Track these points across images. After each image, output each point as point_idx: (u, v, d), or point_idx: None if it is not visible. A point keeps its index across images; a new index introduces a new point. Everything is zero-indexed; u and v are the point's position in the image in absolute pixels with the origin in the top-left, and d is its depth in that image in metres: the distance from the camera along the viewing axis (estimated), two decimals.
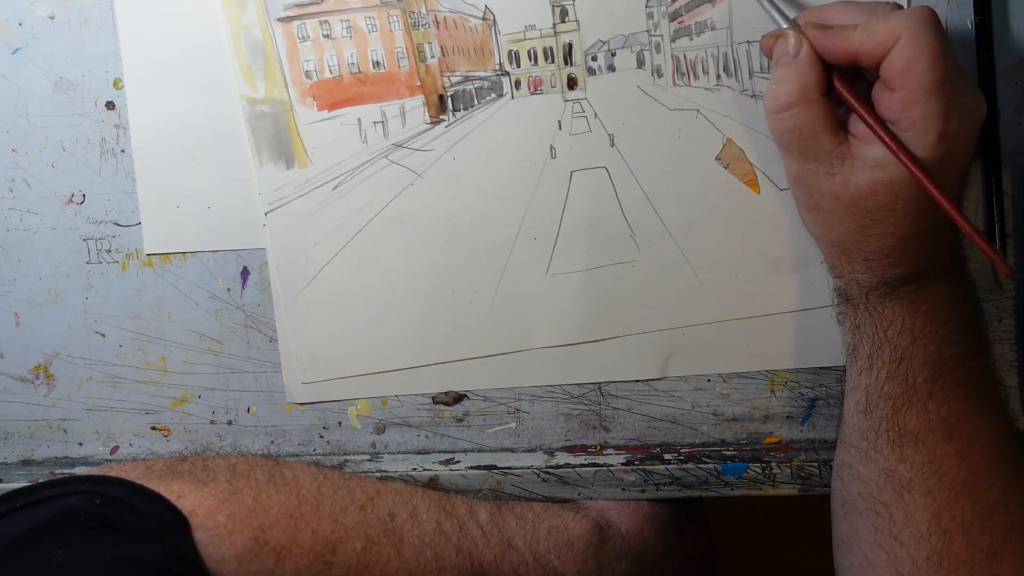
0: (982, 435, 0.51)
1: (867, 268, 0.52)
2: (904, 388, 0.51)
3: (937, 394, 0.51)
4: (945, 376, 0.51)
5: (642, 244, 0.58)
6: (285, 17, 0.57)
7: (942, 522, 0.50)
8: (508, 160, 0.58)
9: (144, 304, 0.60)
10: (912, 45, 0.47)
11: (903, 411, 0.51)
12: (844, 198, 0.51)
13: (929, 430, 0.51)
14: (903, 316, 0.52)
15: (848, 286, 0.54)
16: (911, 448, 0.51)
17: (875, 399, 0.52)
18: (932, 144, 0.48)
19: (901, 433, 0.51)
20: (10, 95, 0.58)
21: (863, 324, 0.53)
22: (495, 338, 0.59)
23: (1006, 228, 0.57)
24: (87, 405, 0.61)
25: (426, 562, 0.54)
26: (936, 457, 0.51)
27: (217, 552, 0.50)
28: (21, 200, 0.59)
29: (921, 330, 0.51)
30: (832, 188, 0.51)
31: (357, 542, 0.53)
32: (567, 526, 0.58)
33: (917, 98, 0.47)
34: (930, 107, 0.47)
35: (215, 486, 0.53)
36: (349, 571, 0.52)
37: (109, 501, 0.48)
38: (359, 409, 0.61)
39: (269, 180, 0.58)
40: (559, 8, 0.56)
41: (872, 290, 0.52)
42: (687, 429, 0.61)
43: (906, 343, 0.51)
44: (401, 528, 0.55)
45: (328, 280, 0.59)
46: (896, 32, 0.47)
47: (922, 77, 0.47)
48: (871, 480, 0.52)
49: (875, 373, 0.52)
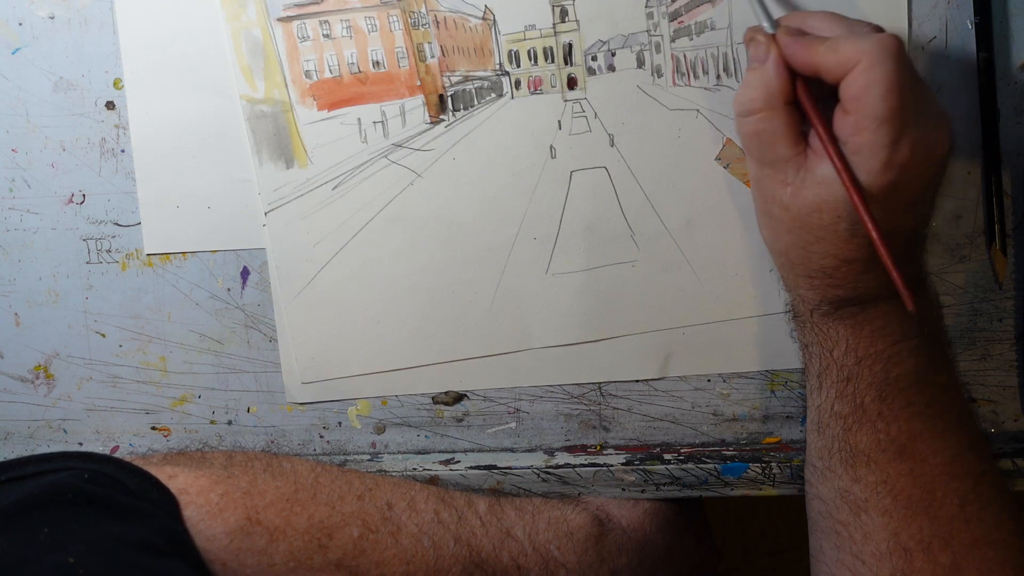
0: (936, 454, 0.51)
1: (810, 285, 0.52)
2: (853, 408, 0.51)
3: (886, 413, 0.51)
4: (893, 396, 0.51)
5: (642, 244, 0.58)
6: (285, 17, 0.57)
7: (901, 540, 0.50)
8: (508, 160, 0.58)
9: (144, 304, 0.60)
10: (868, 72, 0.47)
11: (854, 431, 0.51)
12: (792, 209, 0.51)
13: (880, 450, 0.51)
14: (847, 336, 0.52)
15: (795, 302, 0.54)
16: (864, 468, 0.51)
17: (826, 419, 0.52)
18: (876, 171, 0.48)
19: (853, 453, 0.51)
20: (10, 95, 0.58)
21: (811, 343, 0.53)
22: (495, 338, 0.59)
23: (1006, 228, 0.57)
24: (87, 405, 0.61)
25: (424, 550, 0.54)
26: (889, 476, 0.50)
27: (208, 529, 0.50)
28: (21, 200, 0.59)
29: (866, 351, 0.51)
30: (783, 197, 0.51)
31: (354, 528, 0.53)
32: (566, 518, 0.58)
33: (866, 125, 0.48)
34: (878, 135, 0.47)
35: (210, 470, 0.53)
36: (345, 556, 0.53)
37: (98, 478, 0.48)
38: (359, 409, 0.61)
39: (269, 180, 0.58)
40: (559, 8, 0.56)
41: (815, 308, 0.52)
42: (687, 429, 0.61)
43: (851, 363, 0.51)
44: (399, 517, 0.55)
45: (328, 280, 0.59)
46: (857, 56, 0.47)
47: (874, 105, 0.47)
48: (829, 499, 0.52)
49: (824, 393, 0.53)
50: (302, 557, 0.52)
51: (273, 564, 0.51)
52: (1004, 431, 0.59)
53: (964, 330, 0.58)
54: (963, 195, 0.57)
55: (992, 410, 0.59)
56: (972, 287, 0.58)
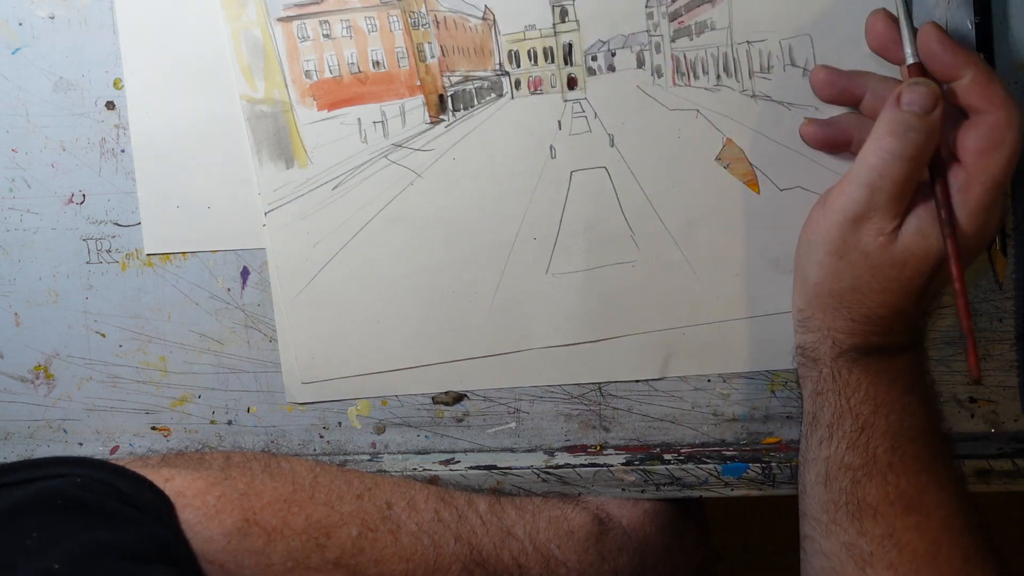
0: (941, 506, 0.50)
1: (849, 329, 0.51)
2: (864, 459, 0.51)
3: (896, 465, 0.51)
4: (905, 447, 0.51)
5: (642, 244, 0.58)
6: (285, 17, 0.57)
7: None
8: (508, 160, 0.58)
9: (144, 304, 0.60)
10: (1002, 130, 0.47)
11: (863, 483, 0.51)
12: (874, 257, 0.50)
13: (888, 503, 0.50)
14: (867, 384, 0.51)
15: (819, 343, 0.53)
16: (871, 521, 0.50)
17: (835, 471, 0.52)
18: (972, 233, 0.48)
19: (860, 506, 0.51)
20: (10, 95, 0.58)
21: (825, 391, 0.52)
22: (495, 338, 0.59)
23: (1006, 228, 0.57)
24: (87, 405, 0.61)
25: (424, 549, 0.54)
26: (896, 530, 0.50)
27: (205, 531, 0.50)
28: (21, 200, 0.59)
29: (883, 399, 0.51)
30: (868, 244, 0.50)
31: (352, 528, 0.53)
32: (567, 517, 0.58)
33: (981, 181, 0.47)
34: (988, 196, 0.47)
35: (207, 472, 0.53)
36: (343, 555, 0.52)
37: (90, 483, 0.48)
38: (359, 409, 0.61)
39: (269, 180, 0.58)
40: (559, 8, 0.56)
41: (843, 353, 0.52)
42: (687, 429, 0.61)
43: (868, 412, 0.51)
44: (398, 516, 0.55)
45: (328, 280, 0.59)
46: (1000, 105, 0.47)
47: (997, 167, 0.47)
48: (832, 554, 0.52)
49: (835, 443, 0.52)
50: (300, 557, 0.52)
51: (271, 564, 0.51)
52: (1004, 431, 0.59)
53: None
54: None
55: (992, 410, 0.59)
56: (972, 287, 0.58)
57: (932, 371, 0.58)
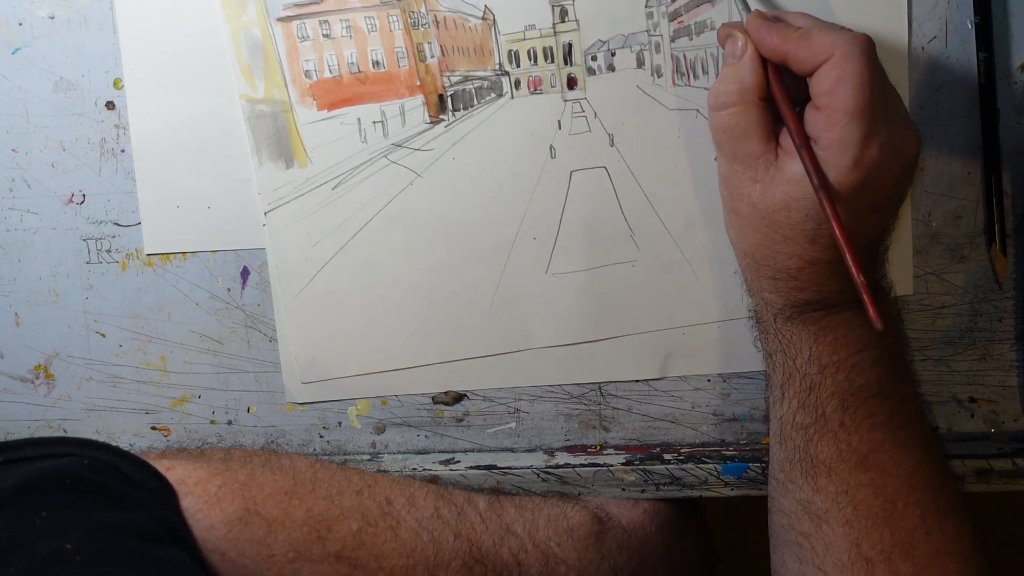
0: (898, 465, 0.50)
1: (774, 287, 0.52)
2: (815, 418, 0.51)
3: (848, 424, 0.51)
4: (855, 406, 0.51)
5: (642, 244, 0.58)
6: (285, 17, 0.57)
7: (863, 551, 0.49)
8: (508, 160, 0.58)
9: (144, 304, 0.60)
10: (841, 66, 0.47)
11: (815, 441, 0.51)
12: (760, 207, 0.51)
13: (841, 460, 0.50)
14: (810, 343, 0.51)
15: (759, 306, 0.54)
16: (824, 478, 0.51)
17: (788, 430, 0.52)
18: (845, 168, 0.48)
19: (814, 463, 0.51)
20: (10, 95, 0.58)
21: (774, 352, 0.53)
22: (495, 338, 0.59)
23: (1006, 228, 0.57)
24: (87, 405, 0.61)
25: (423, 545, 0.54)
26: (850, 487, 0.50)
27: (207, 519, 0.50)
28: (21, 200, 0.59)
29: (829, 359, 0.51)
30: (751, 194, 0.51)
31: (353, 522, 0.53)
32: (566, 515, 0.58)
33: (837, 119, 0.47)
34: (848, 131, 0.47)
35: (208, 462, 0.53)
36: (344, 548, 0.53)
37: (97, 465, 0.48)
38: (359, 409, 0.61)
39: (269, 180, 0.58)
40: (559, 8, 0.56)
41: (779, 313, 0.52)
42: (687, 429, 0.61)
43: (814, 372, 0.51)
44: (398, 512, 0.55)
45: (328, 280, 0.59)
46: (830, 49, 0.47)
47: (846, 100, 0.47)
48: (790, 511, 0.52)
49: (787, 403, 0.52)
50: (301, 548, 0.52)
51: (272, 555, 0.51)
52: (1004, 431, 0.59)
53: (964, 330, 0.58)
54: (963, 195, 0.57)
55: (992, 410, 0.59)
56: (972, 287, 0.58)
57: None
